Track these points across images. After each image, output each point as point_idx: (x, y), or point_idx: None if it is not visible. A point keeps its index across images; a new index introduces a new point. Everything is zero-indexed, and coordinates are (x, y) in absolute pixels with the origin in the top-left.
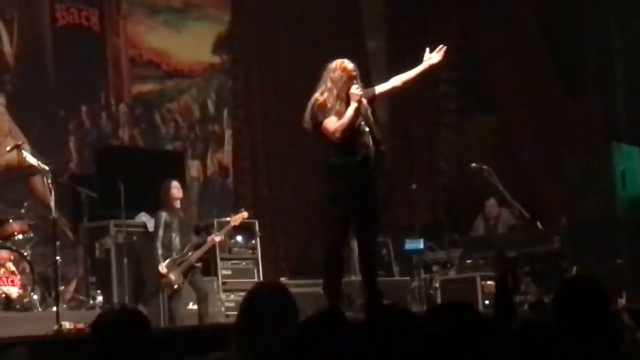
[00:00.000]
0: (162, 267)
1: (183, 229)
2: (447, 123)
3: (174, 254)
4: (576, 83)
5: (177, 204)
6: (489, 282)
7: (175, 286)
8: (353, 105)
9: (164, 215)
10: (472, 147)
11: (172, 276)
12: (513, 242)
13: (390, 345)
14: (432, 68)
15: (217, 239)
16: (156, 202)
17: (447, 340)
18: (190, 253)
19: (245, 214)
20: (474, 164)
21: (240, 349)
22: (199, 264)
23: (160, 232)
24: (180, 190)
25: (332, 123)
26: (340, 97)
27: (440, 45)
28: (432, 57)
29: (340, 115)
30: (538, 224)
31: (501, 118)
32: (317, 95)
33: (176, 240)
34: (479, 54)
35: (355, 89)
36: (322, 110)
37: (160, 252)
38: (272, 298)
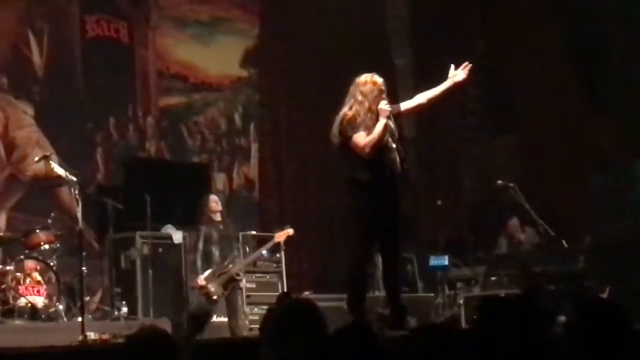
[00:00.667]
0: (200, 279)
1: (223, 242)
2: (472, 140)
3: (214, 267)
4: (601, 101)
5: (217, 217)
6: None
7: (215, 297)
8: (382, 120)
9: (203, 229)
10: (497, 164)
11: (212, 287)
12: (537, 260)
13: None
14: (457, 85)
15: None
16: (197, 215)
17: None
18: (231, 265)
19: (290, 231)
20: (499, 181)
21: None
22: (240, 277)
23: (200, 245)
24: (219, 204)
25: (362, 138)
26: (372, 110)
27: (465, 63)
28: (457, 75)
29: (369, 129)
30: (563, 242)
31: (526, 135)
32: (345, 109)
33: (216, 253)
34: (504, 71)
35: (384, 105)
36: (352, 125)
37: (199, 264)
38: (303, 313)
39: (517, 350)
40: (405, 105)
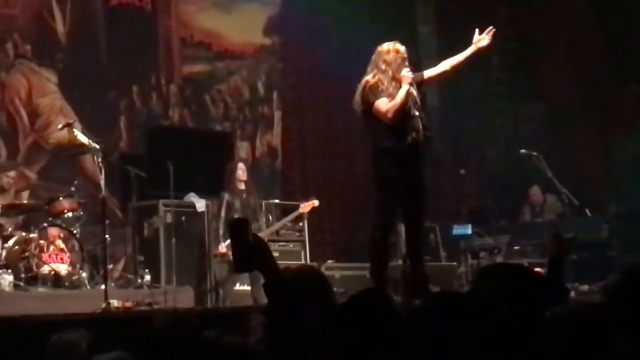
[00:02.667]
0: (222, 247)
1: (246, 211)
2: (497, 109)
3: None
4: (627, 70)
5: (241, 186)
6: (536, 269)
7: None
8: (405, 87)
9: (226, 196)
10: (521, 133)
11: None
12: (561, 230)
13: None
14: (481, 51)
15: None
16: (219, 183)
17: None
18: None
19: (316, 202)
20: (523, 150)
21: (276, 334)
22: None
23: (223, 213)
24: (245, 173)
25: (384, 104)
26: (394, 78)
27: (490, 28)
28: (481, 40)
29: (391, 97)
30: (587, 211)
31: (551, 104)
32: (368, 77)
33: None
34: (529, 39)
35: (407, 72)
36: (374, 92)
37: (221, 232)
38: (308, 281)
39: (516, 321)
40: (428, 72)
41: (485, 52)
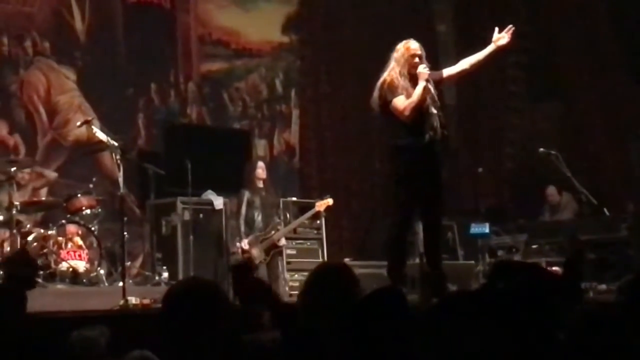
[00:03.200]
0: (244, 243)
1: (266, 208)
2: (514, 107)
3: (257, 232)
4: None
5: (260, 184)
6: (554, 268)
7: (257, 262)
8: (422, 83)
9: (246, 194)
10: (539, 131)
11: (254, 252)
12: (579, 229)
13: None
14: (500, 49)
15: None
16: (237, 181)
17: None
18: (273, 232)
19: (330, 201)
20: (541, 149)
21: (302, 330)
22: (282, 243)
23: (243, 210)
24: (265, 171)
25: (401, 101)
26: (403, 74)
27: (509, 26)
28: (501, 39)
29: (408, 94)
30: (605, 210)
31: (568, 103)
32: (385, 75)
33: (258, 218)
34: (547, 38)
35: (423, 68)
36: (391, 90)
37: (242, 229)
38: (337, 277)
39: (530, 319)
40: (447, 71)
41: (505, 50)
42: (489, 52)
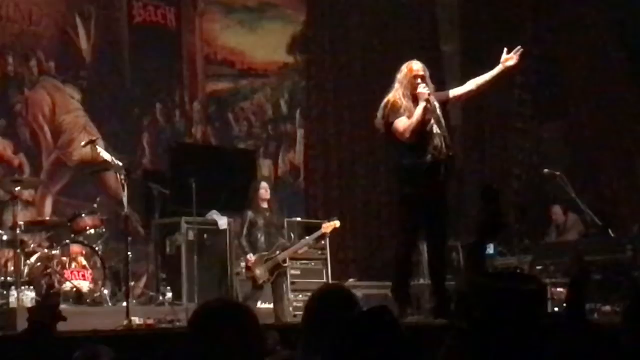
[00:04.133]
0: (251, 257)
1: (269, 229)
2: (520, 128)
3: (260, 252)
4: None
5: (264, 204)
6: (559, 289)
7: (260, 282)
8: (421, 104)
9: (249, 214)
10: (544, 152)
11: (258, 271)
12: (584, 250)
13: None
14: (508, 70)
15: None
16: (242, 200)
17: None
18: (278, 252)
19: (337, 223)
20: (546, 170)
21: (305, 350)
22: (286, 264)
23: (245, 230)
24: (269, 192)
25: (402, 123)
26: (406, 95)
27: (517, 47)
28: (509, 60)
29: (410, 112)
30: (610, 231)
31: (574, 124)
32: (389, 96)
33: (261, 239)
34: (553, 59)
35: (423, 88)
36: (393, 111)
37: (245, 247)
38: (337, 300)
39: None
40: (454, 92)
41: (513, 71)
42: (497, 73)
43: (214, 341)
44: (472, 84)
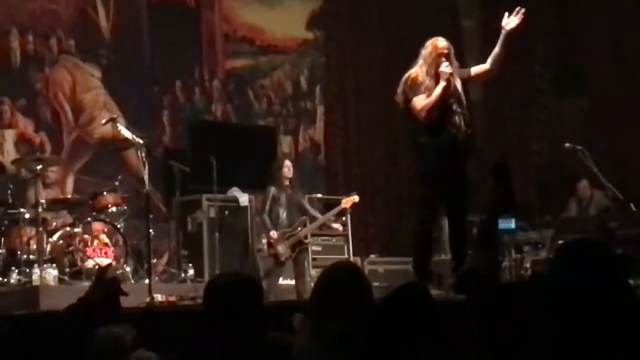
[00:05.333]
0: (274, 233)
1: (291, 206)
2: (540, 103)
3: (282, 229)
4: None
5: (287, 182)
6: None
7: (283, 258)
8: (442, 83)
9: (272, 190)
10: (565, 127)
11: (280, 248)
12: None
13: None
14: (512, 33)
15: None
16: (262, 177)
17: None
18: (299, 228)
19: (356, 198)
20: (567, 144)
21: (314, 329)
22: (308, 240)
23: (267, 206)
24: (292, 170)
25: (420, 101)
26: (429, 73)
27: (518, 8)
28: (510, 22)
29: (430, 91)
30: (632, 205)
31: (595, 99)
32: (411, 71)
33: (283, 215)
34: (573, 33)
35: (445, 67)
36: (413, 87)
37: (268, 223)
38: (346, 278)
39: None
40: (475, 70)
41: (519, 31)
42: (503, 41)
43: (227, 313)
44: (488, 63)
